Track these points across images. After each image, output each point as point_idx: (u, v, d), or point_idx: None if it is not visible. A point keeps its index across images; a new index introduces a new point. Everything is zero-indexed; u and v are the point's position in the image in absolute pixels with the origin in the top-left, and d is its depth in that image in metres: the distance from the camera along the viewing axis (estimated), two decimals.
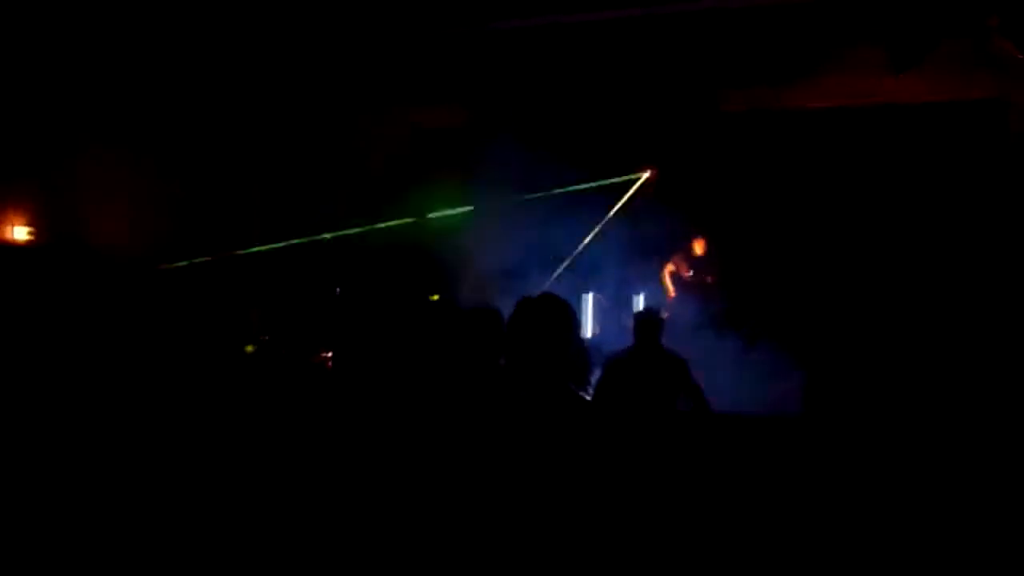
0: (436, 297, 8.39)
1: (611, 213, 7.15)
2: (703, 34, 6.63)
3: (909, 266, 6.72)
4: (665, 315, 6.95)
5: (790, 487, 3.81)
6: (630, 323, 6.84)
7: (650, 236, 6.75)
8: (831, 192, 7.01)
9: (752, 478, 3.92)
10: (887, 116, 6.72)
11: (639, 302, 6.78)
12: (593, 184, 7.23)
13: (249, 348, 7.22)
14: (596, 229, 6.99)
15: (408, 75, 7.31)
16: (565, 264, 7.22)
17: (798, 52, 6.51)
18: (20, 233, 6.12)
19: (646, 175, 7.36)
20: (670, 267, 7.14)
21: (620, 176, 7.37)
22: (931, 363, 5.59)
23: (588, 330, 6.99)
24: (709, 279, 7.00)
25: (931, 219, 6.71)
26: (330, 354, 7.04)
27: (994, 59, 5.83)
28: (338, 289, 8.01)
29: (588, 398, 4.36)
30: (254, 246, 7.36)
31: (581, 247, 7.18)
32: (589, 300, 7.01)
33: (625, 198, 7.25)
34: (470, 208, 7.39)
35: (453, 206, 7.49)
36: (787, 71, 6.77)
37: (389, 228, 7.93)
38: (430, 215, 7.63)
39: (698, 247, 7.12)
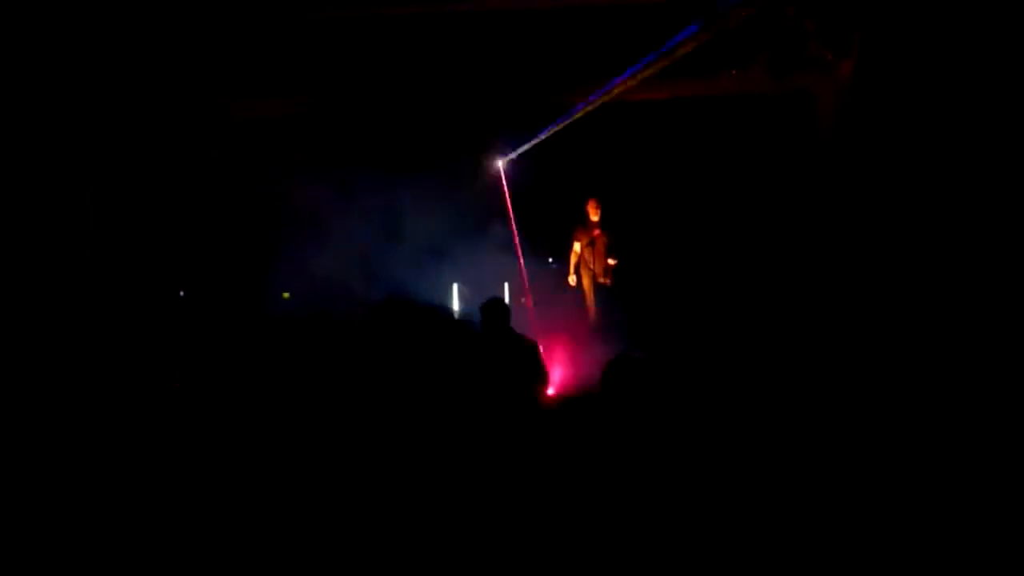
0: (287, 295, 8.17)
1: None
2: (544, 29, 6.90)
3: (731, 237, 7.51)
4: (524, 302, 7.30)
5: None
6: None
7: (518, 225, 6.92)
8: (664, 173, 7.65)
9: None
10: (716, 105, 7.37)
11: (505, 290, 6.98)
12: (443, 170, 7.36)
13: None
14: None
15: (259, 63, 7.00)
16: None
17: (630, 48, 6.94)
18: None
19: (496, 164, 7.57)
20: (576, 246, 6.84)
21: (469, 165, 7.53)
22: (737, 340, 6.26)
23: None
24: (611, 261, 6.76)
25: (750, 195, 7.53)
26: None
27: (808, 59, 6.55)
28: (181, 292, 7.57)
29: None
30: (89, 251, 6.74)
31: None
32: (455, 290, 7.12)
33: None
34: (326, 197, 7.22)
35: (306, 195, 7.30)
36: (620, 66, 7.20)
37: (237, 222, 7.61)
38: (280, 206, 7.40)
39: (592, 211, 6.84)
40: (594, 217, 6.65)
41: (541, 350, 4.57)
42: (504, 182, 7.37)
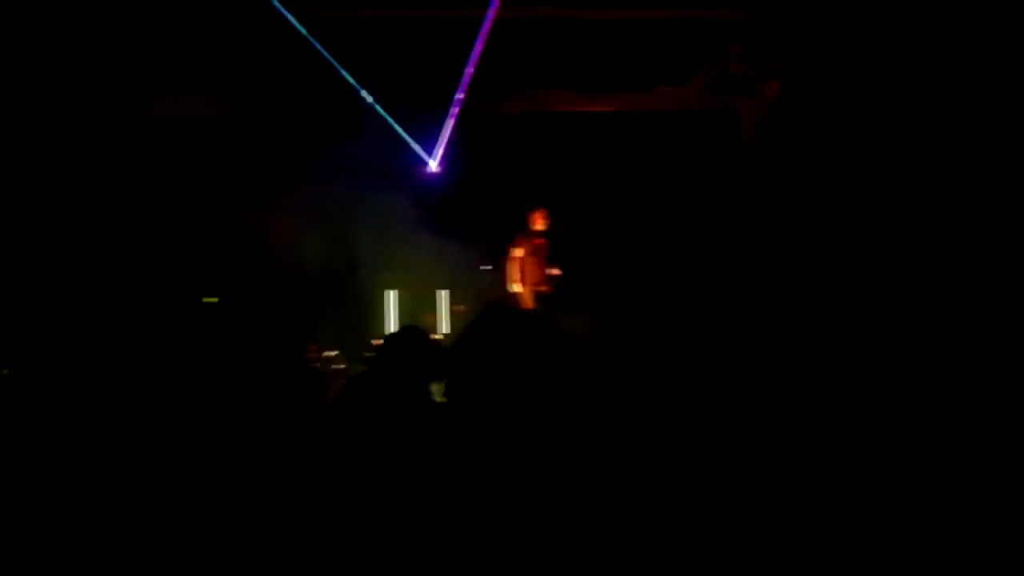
0: (214, 300, 7.96)
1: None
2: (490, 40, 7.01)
3: (661, 246, 7.78)
4: (461, 308, 7.35)
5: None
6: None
7: (450, 232, 6.96)
8: (599, 182, 7.87)
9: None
10: (648, 120, 7.63)
11: (443, 298, 7.01)
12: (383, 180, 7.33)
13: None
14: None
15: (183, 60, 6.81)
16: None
17: (573, 64, 7.14)
18: None
19: (434, 170, 7.61)
20: (517, 252, 6.86)
21: (411, 172, 7.55)
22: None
23: (391, 328, 7.10)
24: (555, 271, 6.84)
25: (675, 205, 7.82)
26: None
27: (735, 80, 6.91)
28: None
29: None
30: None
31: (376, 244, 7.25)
32: (392, 297, 7.10)
33: None
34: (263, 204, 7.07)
35: (243, 201, 7.12)
36: (562, 80, 7.40)
37: (167, 224, 7.36)
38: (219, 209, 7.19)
39: (539, 221, 6.87)
40: (540, 227, 6.78)
41: None
42: (437, 185, 7.41)
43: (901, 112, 5.51)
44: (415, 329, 2.90)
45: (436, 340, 3.12)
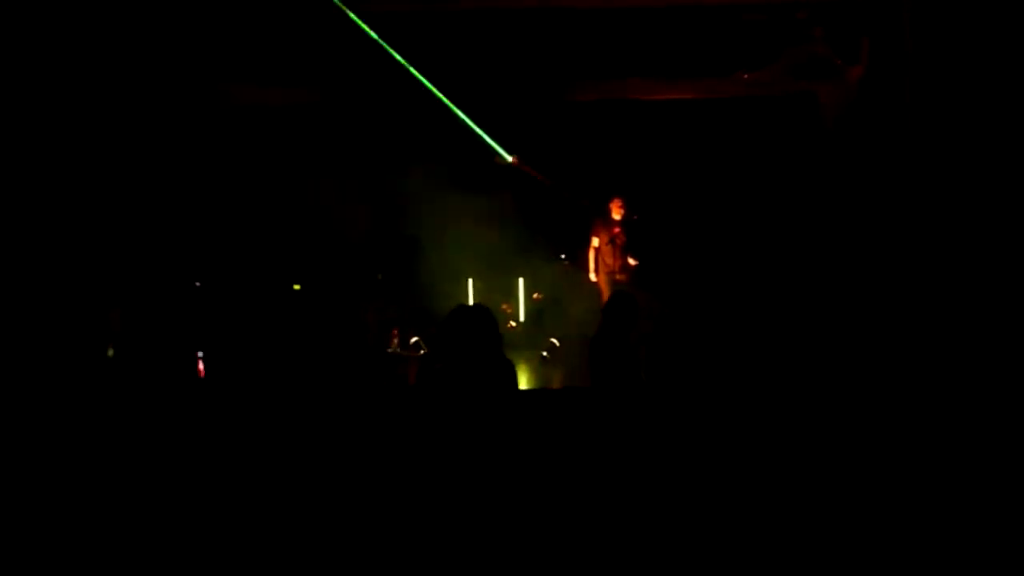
0: (298, 287, 8.25)
1: None
2: (558, 30, 7.04)
3: (736, 236, 7.67)
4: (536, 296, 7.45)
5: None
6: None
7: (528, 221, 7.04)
8: (670, 171, 7.81)
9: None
10: (725, 107, 7.53)
11: (521, 286, 7.11)
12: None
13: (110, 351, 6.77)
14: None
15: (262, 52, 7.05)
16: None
17: (649, 52, 7.11)
18: None
19: (511, 159, 7.69)
20: (595, 242, 6.91)
21: (488, 160, 7.65)
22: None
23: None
24: (632, 260, 6.87)
25: (756, 193, 7.69)
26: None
27: (817, 64, 6.77)
28: (198, 283, 7.64)
29: None
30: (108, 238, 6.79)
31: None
32: (469, 286, 7.24)
33: None
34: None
35: (322, 189, 7.36)
36: (638, 68, 7.37)
37: (249, 213, 7.65)
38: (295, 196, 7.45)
39: (615, 210, 6.93)
40: (616, 216, 6.81)
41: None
42: (521, 175, 7.47)
43: (992, 93, 5.30)
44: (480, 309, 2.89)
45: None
